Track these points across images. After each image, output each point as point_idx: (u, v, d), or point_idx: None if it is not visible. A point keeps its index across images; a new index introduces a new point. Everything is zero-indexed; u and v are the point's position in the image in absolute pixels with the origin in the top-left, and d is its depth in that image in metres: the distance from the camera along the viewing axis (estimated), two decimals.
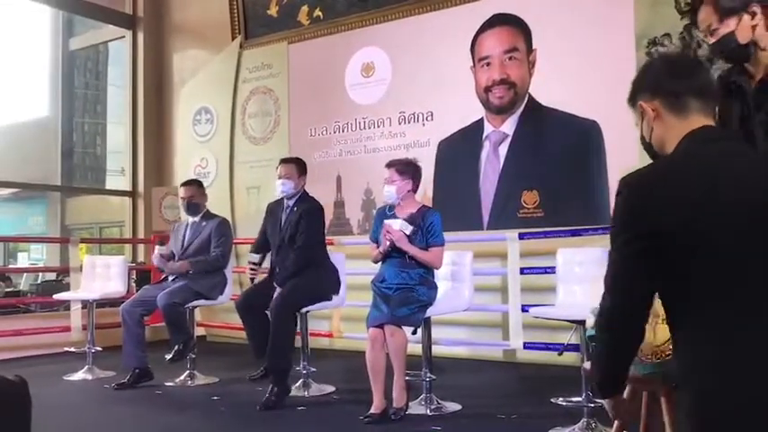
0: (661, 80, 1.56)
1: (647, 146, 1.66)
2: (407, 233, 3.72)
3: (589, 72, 5.27)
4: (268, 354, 4.08)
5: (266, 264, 4.58)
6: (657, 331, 2.05)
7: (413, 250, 3.73)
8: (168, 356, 4.60)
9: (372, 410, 3.59)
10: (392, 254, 3.77)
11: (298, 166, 4.47)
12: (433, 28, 6.06)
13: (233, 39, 7.40)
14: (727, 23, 2.05)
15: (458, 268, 4.09)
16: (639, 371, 2.08)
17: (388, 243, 3.74)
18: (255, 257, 4.48)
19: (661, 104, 1.55)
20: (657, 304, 1.96)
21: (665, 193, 1.43)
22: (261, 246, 4.56)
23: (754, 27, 2.02)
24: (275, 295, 4.13)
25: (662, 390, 2.13)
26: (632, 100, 1.64)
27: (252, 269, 4.45)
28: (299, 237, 4.27)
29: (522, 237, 5.16)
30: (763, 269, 1.35)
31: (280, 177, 4.43)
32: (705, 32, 2.07)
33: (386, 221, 3.81)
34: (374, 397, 3.62)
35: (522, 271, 5.11)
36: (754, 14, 2.02)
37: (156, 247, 5.04)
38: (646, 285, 1.45)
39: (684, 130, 1.51)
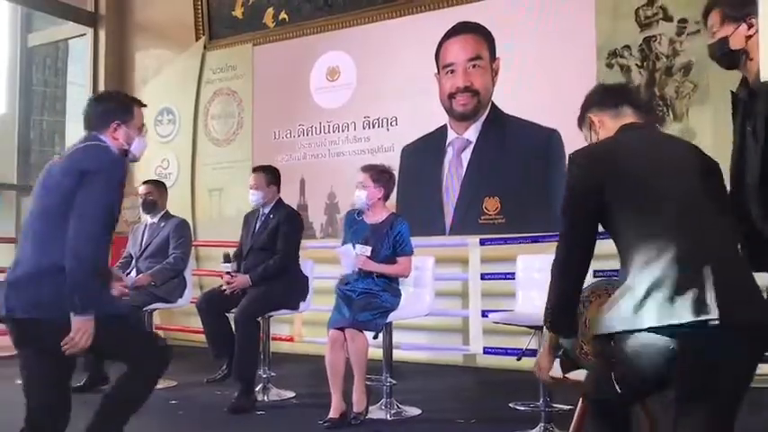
0: (605, 97, 2.16)
1: None
2: (368, 255, 3.74)
3: (551, 81, 5.35)
4: (235, 361, 4.08)
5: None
6: None
7: (379, 269, 3.76)
8: None
9: (331, 414, 3.59)
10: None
11: (267, 175, 4.44)
12: (398, 34, 6.09)
13: (197, 39, 7.33)
14: (726, 28, 2.22)
15: (420, 273, 4.12)
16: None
17: (356, 270, 3.77)
18: (229, 267, 4.30)
19: (605, 114, 2.13)
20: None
21: (598, 165, 1.97)
22: (239, 255, 4.49)
23: (748, 37, 2.18)
24: (241, 302, 4.10)
25: None
26: (582, 118, 2.21)
27: (228, 282, 4.27)
28: (280, 242, 4.26)
29: (483, 243, 5.21)
30: (649, 222, 1.85)
31: (250, 187, 4.40)
32: (710, 34, 2.26)
33: (339, 251, 3.84)
34: (333, 399, 3.62)
35: (483, 276, 5.16)
36: (750, 25, 2.17)
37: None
38: (591, 238, 1.99)
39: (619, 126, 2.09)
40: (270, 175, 4.45)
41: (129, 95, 2.78)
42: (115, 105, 2.62)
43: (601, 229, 1.99)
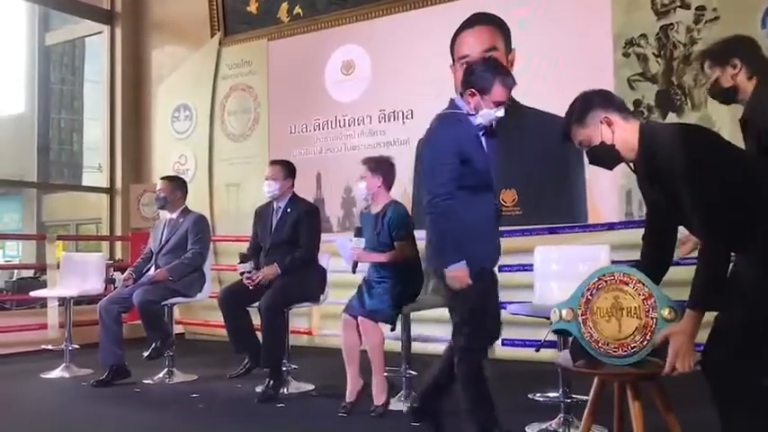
0: (609, 99, 2.34)
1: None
2: (361, 247, 3.75)
3: (567, 72, 5.32)
4: (263, 351, 4.14)
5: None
6: (623, 324, 2.26)
7: (372, 259, 3.78)
8: (145, 354, 4.58)
9: (348, 398, 3.64)
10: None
11: (284, 168, 4.47)
12: (413, 26, 6.09)
13: (212, 35, 7.36)
14: (715, 71, 2.75)
15: None
16: (615, 363, 2.26)
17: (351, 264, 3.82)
18: (246, 266, 4.31)
19: (618, 116, 2.27)
20: (623, 299, 2.26)
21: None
22: (254, 250, 4.51)
23: (733, 76, 2.69)
24: (267, 294, 4.14)
25: (631, 380, 2.28)
26: (588, 117, 2.31)
27: (247, 278, 4.27)
28: (303, 236, 4.30)
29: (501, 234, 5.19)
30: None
31: (266, 179, 4.44)
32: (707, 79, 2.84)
33: (336, 244, 3.95)
34: (348, 380, 3.66)
35: (501, 268, 5.12)
36: (735, 66, 2.69)
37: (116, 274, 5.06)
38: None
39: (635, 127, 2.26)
40: (286, 169, 4.48)
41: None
42: None
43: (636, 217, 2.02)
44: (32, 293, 5.66)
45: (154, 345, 4.57)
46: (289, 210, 4.43)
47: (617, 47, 5.16)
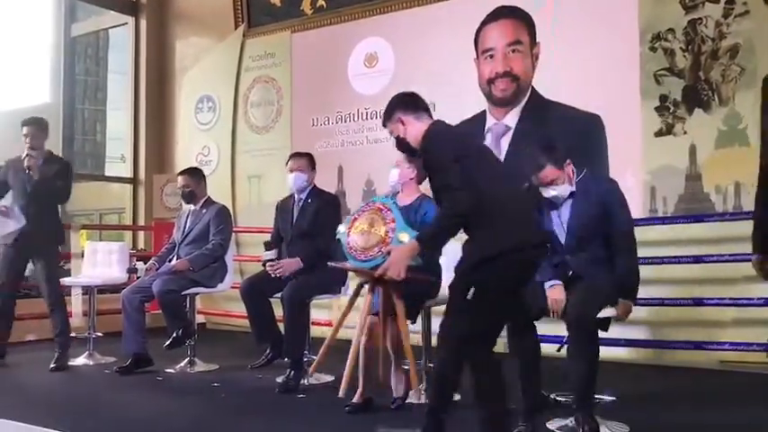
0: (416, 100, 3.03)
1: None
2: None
3: (592, 66, 5.28)
4: (285, 342, 4.18)
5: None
6: (370, 238, 3.27)
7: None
8: (166, 343, 4.62)
9: (355, 399, 3.60)
10: None
11: (309, 160, 4.54)
12: (436, 19, 6.06)
13: (236, 27, 7.39)
14: None
15: (457, 259, 4.08)
16: (357, 265, 3.31)
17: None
18: (270, 254, 4.39)
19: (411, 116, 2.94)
20: (376, 221, 3.30)
21: None
22: (276, 242, 4.55)
23: None
24: (290, 285, 4.17)
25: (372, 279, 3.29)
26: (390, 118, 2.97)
27: (270, 265, 4.34)
28: (323, 227, 4.30)
29: None
30: None
31: (292, 171, 4.45)
32: None
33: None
34: (360, 384, 3.62)
35: None
36: None
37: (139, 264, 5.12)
38: None
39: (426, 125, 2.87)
40: (311, 161, 4.55)
41: None
42: None
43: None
44: None
45: (174, 334, 4.61)
46: (310, 201, 4.46)
47: (643, 41, 5.10)
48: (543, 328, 4.87)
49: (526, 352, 3.17)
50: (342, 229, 3.42)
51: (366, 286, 3.50)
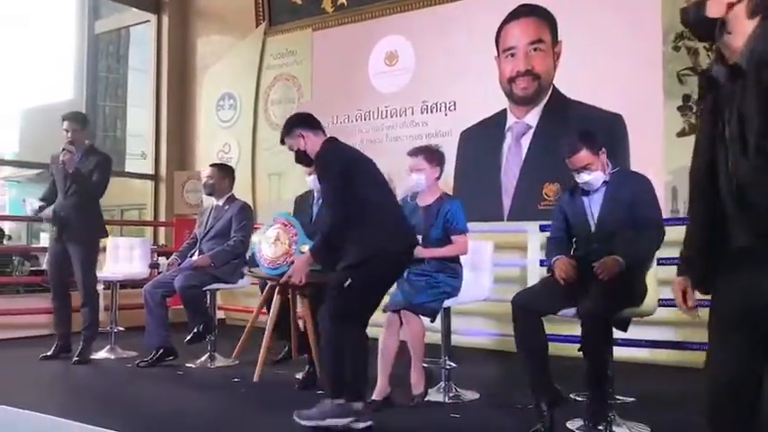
0: (314, 119, 3.52)
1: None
2: None
3: (614, 65, 5.25)
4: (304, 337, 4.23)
5: None
6: (277, 249, 3.96)
7: (430, 253, 3.71)
8: (187, 338, 4.66)
9: (374, 396, 3.55)
10: None
11: None
12: (457, 17, 6.06)
13: (257, 25, 7.43)
14: None
15: (478, 258, 4.09)
16: (267, 273, 4.05)
17: None
18: None
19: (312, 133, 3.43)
20: (281, 234, 3.98)
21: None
22: None
23: (730, 5, 1.79)
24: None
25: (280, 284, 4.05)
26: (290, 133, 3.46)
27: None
28: None
29: (542, 229, 5.16)
30: None
31: (309, 174, 4.45)
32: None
33: None
34: (378, 382, 3.59)
35: (542, 263, 5.11)
36: None
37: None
38: None
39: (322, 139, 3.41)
40: None
41: None
42: None
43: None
44: None
45: (195, 329, 4.64)
46: None
47: (666, 40, 5.06)
48: (563, 328, 4.87)
49: (536, 352, 3.18)
50: (255, 239, 4.21)
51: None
